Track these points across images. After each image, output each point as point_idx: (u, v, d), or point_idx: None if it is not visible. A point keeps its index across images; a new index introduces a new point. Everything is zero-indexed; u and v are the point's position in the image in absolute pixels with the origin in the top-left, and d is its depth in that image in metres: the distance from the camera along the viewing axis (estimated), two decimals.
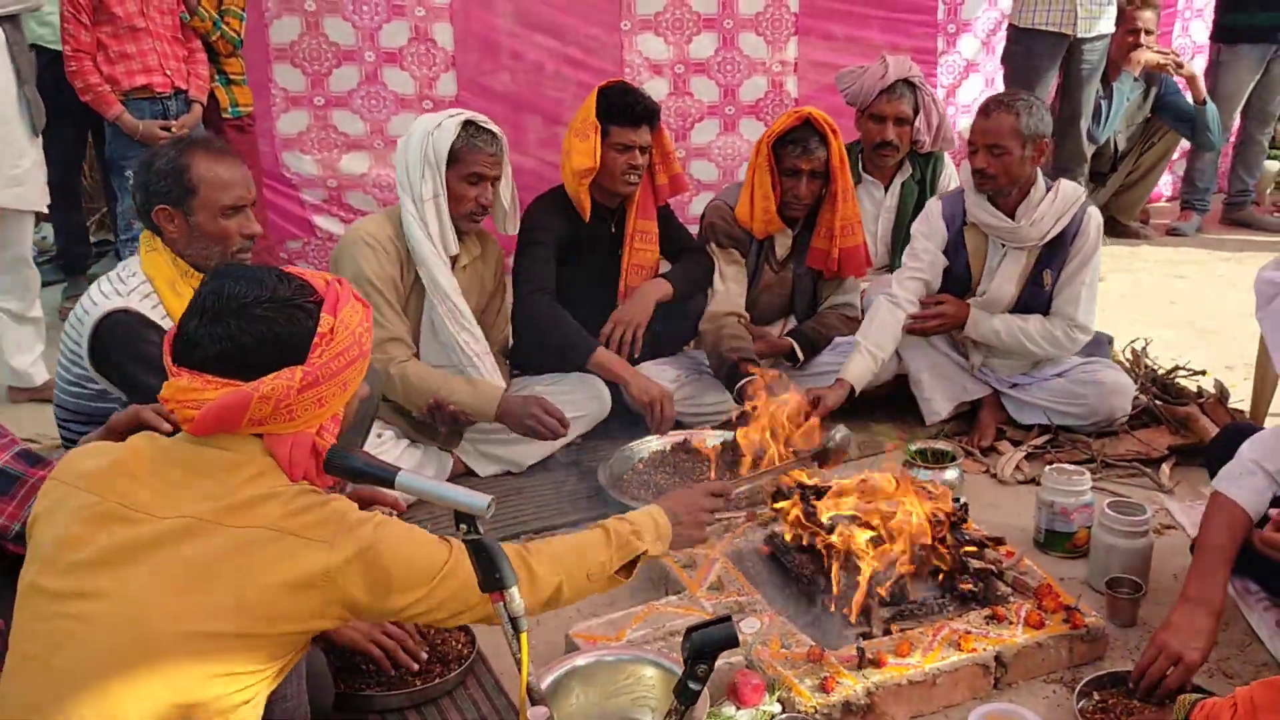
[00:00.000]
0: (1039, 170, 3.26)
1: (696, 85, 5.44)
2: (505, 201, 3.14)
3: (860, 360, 3.28)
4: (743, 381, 3.18)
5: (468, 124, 3.00)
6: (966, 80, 5.87)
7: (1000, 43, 5.79)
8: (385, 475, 1.51)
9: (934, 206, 3.46)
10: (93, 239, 5.58)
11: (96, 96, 3.92)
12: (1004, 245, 3.33)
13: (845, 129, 4.10)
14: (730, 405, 3.29)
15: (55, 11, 4.11)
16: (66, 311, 4.61)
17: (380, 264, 2.93)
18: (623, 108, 3.23)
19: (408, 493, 1.53)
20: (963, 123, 5.32)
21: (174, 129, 3.99)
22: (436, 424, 2.98)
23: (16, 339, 3.75)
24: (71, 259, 4.91)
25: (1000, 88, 5.89)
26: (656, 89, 5.29)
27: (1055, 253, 3.30)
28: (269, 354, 1.47)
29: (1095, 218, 3.30)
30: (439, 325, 3.03)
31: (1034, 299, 3.36)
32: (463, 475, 3.18)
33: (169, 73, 4.02)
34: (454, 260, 3.07)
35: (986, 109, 3.22)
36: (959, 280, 3.43)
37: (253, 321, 1.46)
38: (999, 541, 2.48)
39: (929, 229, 3.43)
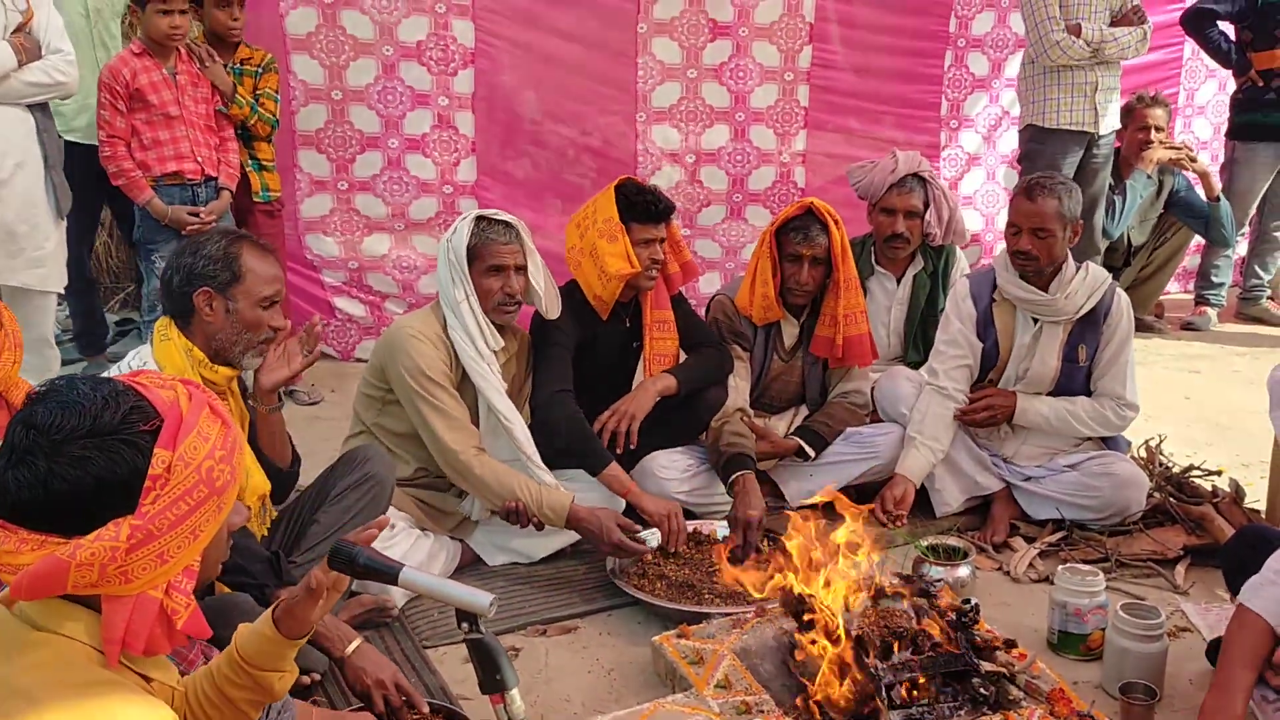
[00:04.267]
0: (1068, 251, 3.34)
1: (706, 174, 5.58)
2: (540, 287, 3.17)
3: (917, 455, 3.37)
4: (735, 475, 3.23)
5: (479, 220, 3.07)
6: (969, 173, 6.01)
7: (1001, 138, 5.94)
8: (389, 572, 1.51)
9: (960, 288, 3.51)
10: (116, 318, 5.67)
11: (129, 182, 4.02)
12: (1037, 321, 3.37)
13: (857, 219, 4.20)
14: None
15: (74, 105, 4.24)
16: None
17: (432, 356, 2.97)
18: (643, 206, 3.28)
19: (410, 590, 1.53)
20: (966, 215, 5.42)
21: (202, 215, 4.08)
22: (514, 524, 3.00)
23: None
24: (88, 340, 4.97)
25: (1001, 182, 6.03)
26: (669, 176, 5.46)
27: (1088, 329, 3.35)
28: (89, 502, 1.22)
29: (1125, 297, 3.40)
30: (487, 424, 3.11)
31: (1071, 376, 3.38)
32: (471, 564, 3.17)
33: (200, 160, 4.11)
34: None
35: (1030, 192, 3.26)
36: (987, 357, 3.46)
37: (66, 463, 1.21)
38: (1011, 644, 2.45)
39: (959, 311, 3.47)
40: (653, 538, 3.07)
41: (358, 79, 4.95)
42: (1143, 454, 3.74)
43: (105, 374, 2.40)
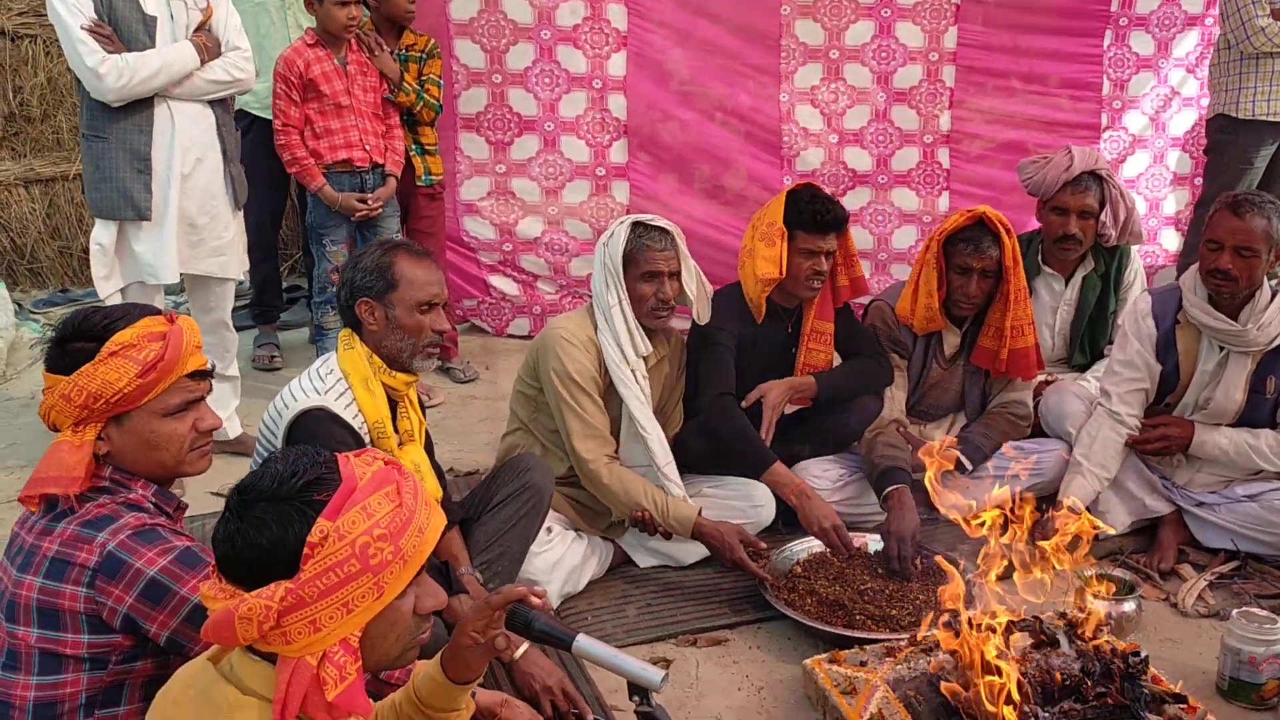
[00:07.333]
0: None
1: (850, 155, 5.48)
2: (692, 291, 3.17)
3: (1083, 483, 3.23)
4: (889, 489, 3.16)
5: (635, 225, 3.08)
6: (1133, 155, 5.70)
7: (1172, 119, 5.61)
8: (564, 639, 1.55)
9: (1142, 304, 3.32)
10: (285, 284, 5.93)
11: (302, 169, 4.18)
12: (1222, 349, 3.17)
13: (1015, 203, 4.04)
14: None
15: (267, 85, 4.40)
16: (260, 359, 4.94)
17: (581, 361, 3.02)
18: (812, 215, 3.23)
19: (585, 658, 1.56)
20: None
21: (370, 201, 4.23)
22: (643, 531, 3.05)
23: (214, 395, 3.96)
24: (264, 309, 5.21)
25: (1170, 164, 5.74)
26: (812, 159, 5.39)
27: (1279, 359, 3.13)
28: (264, 562, 1.31)
29: None
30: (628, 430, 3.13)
31: (1257, 408, 3.18)
32: (622, 565, 3.23)
33: (368, 148, 4.24)
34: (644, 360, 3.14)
35: (1238, 208, 3.04)
36: (1167, 382, 3.27)
37: (248, 524, 1.31)
38: (1181, 699, 2.36)
39: (1138, 330, 3.27)
40: (800, 548, 3.08)
41: (517, 62, 5.02)
42: None
43: (294, 382, 2.53)
